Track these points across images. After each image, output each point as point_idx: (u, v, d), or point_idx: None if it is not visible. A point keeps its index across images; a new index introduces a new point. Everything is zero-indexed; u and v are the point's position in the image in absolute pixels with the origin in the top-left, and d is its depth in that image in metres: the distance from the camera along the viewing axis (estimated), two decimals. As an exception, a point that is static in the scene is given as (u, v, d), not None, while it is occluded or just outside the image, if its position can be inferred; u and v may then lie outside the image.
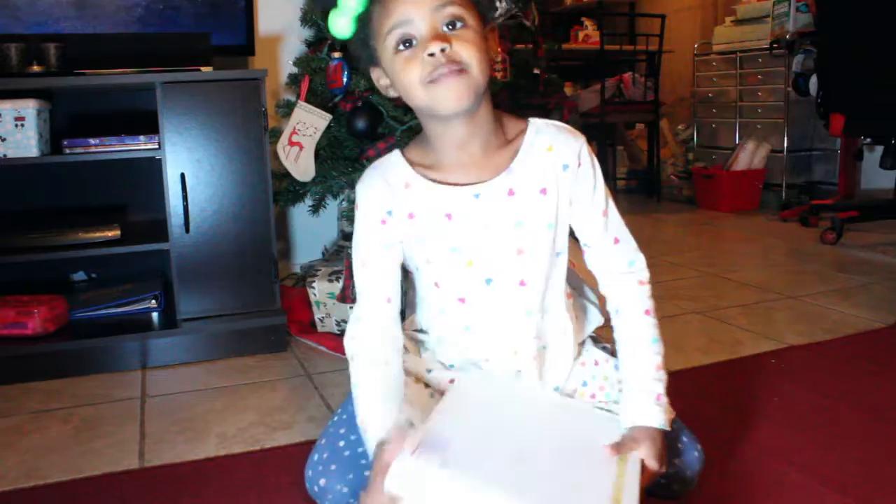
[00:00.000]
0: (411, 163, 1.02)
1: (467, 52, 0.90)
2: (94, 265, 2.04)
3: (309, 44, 2.10)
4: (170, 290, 1.79)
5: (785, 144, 3.77)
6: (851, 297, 2.17)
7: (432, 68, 0.90)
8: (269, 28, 2.32)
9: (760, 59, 3.87)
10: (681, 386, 1.53)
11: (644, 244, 1.08)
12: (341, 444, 1.03)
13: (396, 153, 1.04)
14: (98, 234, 1.74)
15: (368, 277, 1.04)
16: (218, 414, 1.47)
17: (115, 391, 1.60)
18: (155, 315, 1.85)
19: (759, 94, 3.92)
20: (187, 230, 1.72)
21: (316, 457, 1.03)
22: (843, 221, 2.92)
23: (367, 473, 0.99)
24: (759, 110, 3.93)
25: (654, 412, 0.98)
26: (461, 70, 0.90)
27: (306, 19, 2.03)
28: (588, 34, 4.69)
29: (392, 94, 0.99)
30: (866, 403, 1.41)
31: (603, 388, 1.10)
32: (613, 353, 1.13)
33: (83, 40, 1.88)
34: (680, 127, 4.71)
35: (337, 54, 1.89)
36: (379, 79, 1.00)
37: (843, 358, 1.67)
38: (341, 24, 0.96)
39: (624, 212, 1.09)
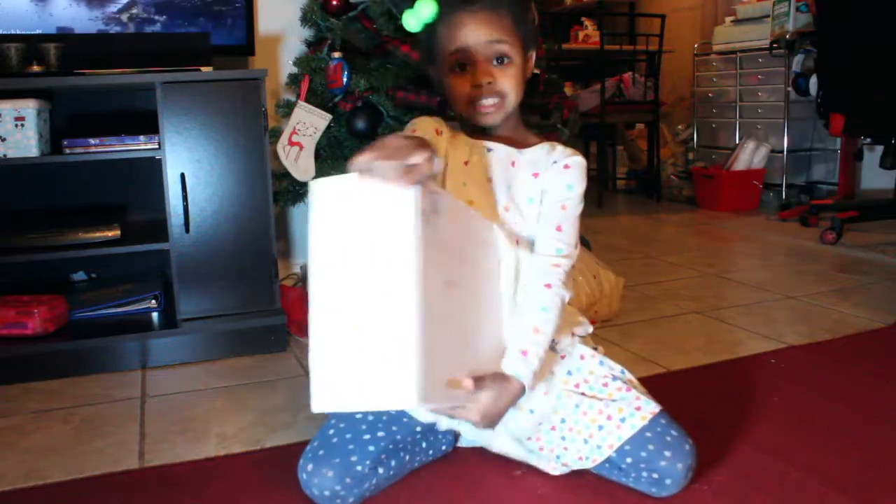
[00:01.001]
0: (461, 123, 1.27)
1: (508, 84, 1.16)
2: (94, 265, 2.04)
3: (309, 44, 2.10)
4: (170, 290, 1.79)
5: (785, 144, 3.77)
6: (851, 297, 2.17)
7: (476, 96, 1.16)
8: (269, 28, 2.32)
9: (760, 59, 3.87)
10: (680, 385, 1.54)
11: (644, 244, 1.10)
12: (331, 432, 1.10)
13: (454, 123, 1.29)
14: (98, 234, 1.74)
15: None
16: (218, 414, 1.47)
17: (115, 391, 1.60)
18: (155, 315, 1.85)
19: (759, 94, 3.92)
20: (187, 230, 1.72)
21: (308, 446, 1.10)
22: (843, 221, 2.92)
23: (353, 459, 1.06)
24: (759, 110, 3.93)
25: (514, 363, 1.05)
26: (499, 101, 1.16)
27: (306, 19, 2.03)
28: (588, 34, 4.69)
29: (442, 88, 1.23)
30: (866, 403, 1.41)
31: (587, 380, 1.17)
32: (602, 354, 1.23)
33: (83, 40, 1.88)
34: (680, 127, 4.71)
35: (337, 54, 1.89)
36: (433, 74, 1.25)
37: (842, 358, 1.67)
38: (412, 23, 1.20)
39: (623, 212, 1.11)
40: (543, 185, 1.19)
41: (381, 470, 1.09)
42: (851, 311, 2.02)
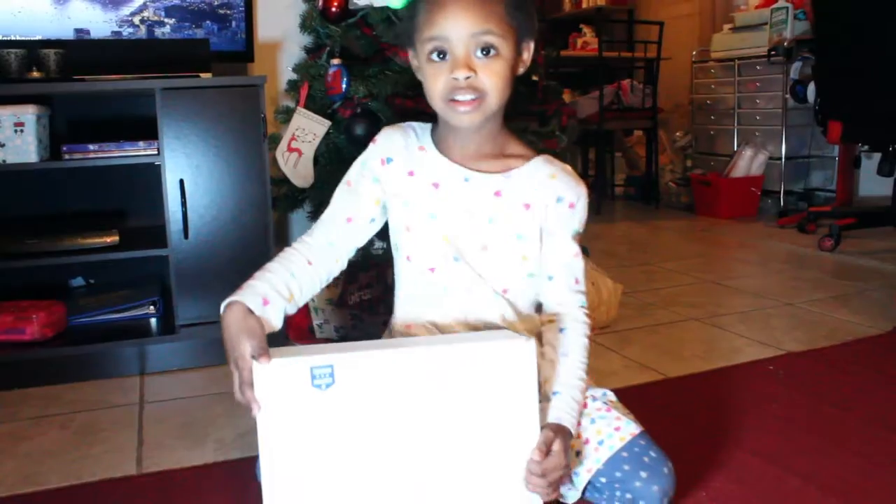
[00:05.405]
0: (434, 136, 1.11)
1: (490, 81, 0.99)
2: (93, 271, 2.04)
3: (308, 50, 2.10)
4: (168, 295, 1.79)
5: (783, 151, 3.78)
6: (849, 303, 2.17)
7: (453, 89, 0.99)
8: (269, 34, 2.33)
9: (758, 67, 3.88)
10: (679, 392, 1.54)
11: (642, 251, 1.10)
12: None
13: (429, 125, 1.12)
14: (97, 240, 1.74)
15: (344, 197, 1.12)
16: (216, 420, 1.46)
17: (114, 397, 1.60)
18: (153, 321, 1.85)
19: (758, 101, 3.93)
20: (186, 236, 1.72)
21: None
22: (841, 228, 2.93)
23: None
24: (758, 117, 3.94)
25: (567, 414, 0.99)
26: (478, 98, 0.99)
27: (305, 26, 2.04)
28: (587, 41, 4.71)
29: (420, 77, 1.07)
30: (865, 410, 1.41)
31: (548, 380, 1.10)
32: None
33: (83, 46, 1.89)
34: (678, 134, 4.72)
35: (336, 61, 1.90)
36: (411, 59, 1.08)
37: (841, 364, 1.67)
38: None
39: (622, 219, 1.11)
40: (543, 222, 1.07)
41: None
42: (849, 318, 2.02)
